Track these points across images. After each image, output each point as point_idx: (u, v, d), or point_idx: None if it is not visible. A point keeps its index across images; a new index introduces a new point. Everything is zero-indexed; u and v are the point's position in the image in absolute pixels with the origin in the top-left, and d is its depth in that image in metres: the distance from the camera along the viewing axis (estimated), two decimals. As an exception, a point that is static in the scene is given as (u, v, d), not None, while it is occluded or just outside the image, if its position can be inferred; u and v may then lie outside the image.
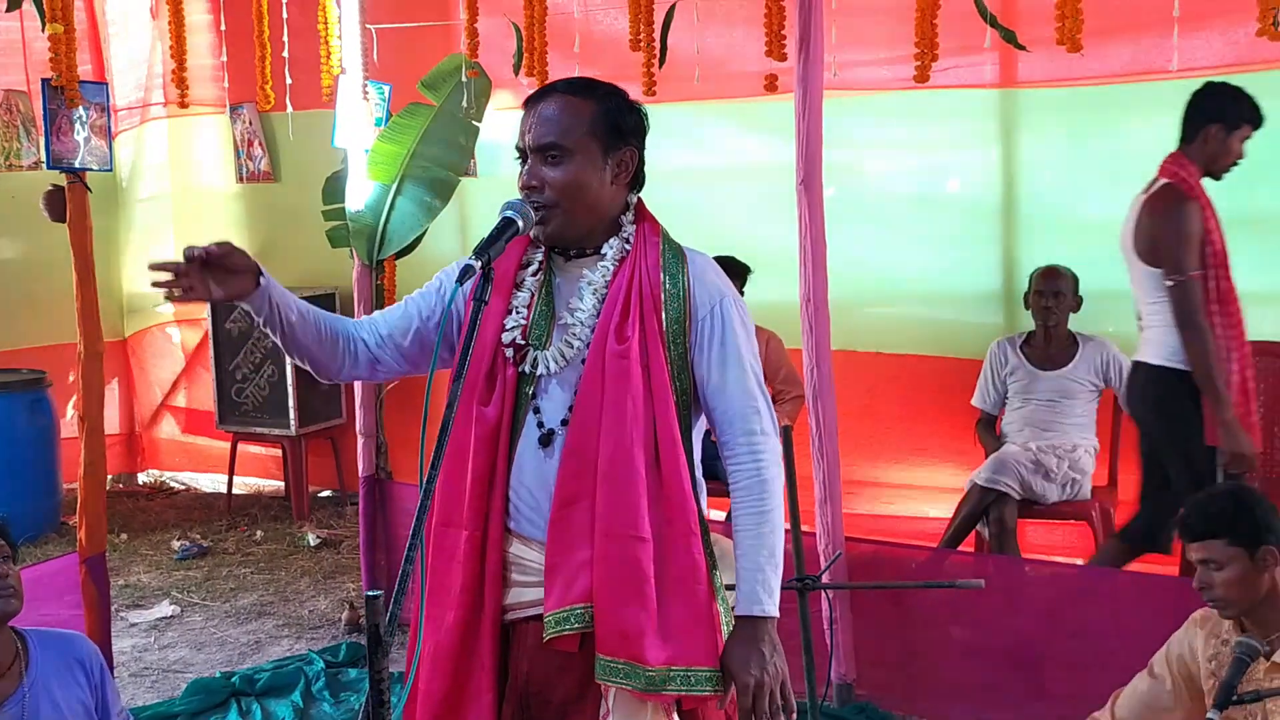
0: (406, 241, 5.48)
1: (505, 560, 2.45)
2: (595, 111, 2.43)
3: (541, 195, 2.41)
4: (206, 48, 6.95)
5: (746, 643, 2.37)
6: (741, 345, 2.45)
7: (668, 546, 2.37)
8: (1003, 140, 5.56)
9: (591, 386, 2.39)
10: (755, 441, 2.43)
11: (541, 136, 2.42)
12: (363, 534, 5.46)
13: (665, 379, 2.40)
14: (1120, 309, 5.35)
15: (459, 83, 5.32)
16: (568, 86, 2.49)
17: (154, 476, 8.18)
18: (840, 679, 4.33)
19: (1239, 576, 2.94)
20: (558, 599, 2.38)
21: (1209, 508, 3.03)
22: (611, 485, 2.36)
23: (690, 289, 2.44)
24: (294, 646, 5.29)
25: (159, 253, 8.00)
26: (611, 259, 2.46)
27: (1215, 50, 4.93)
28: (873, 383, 5.81)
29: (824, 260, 4.22)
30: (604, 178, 2.44)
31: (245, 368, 7.31)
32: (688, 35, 4.90)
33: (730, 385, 2.43)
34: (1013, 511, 4.93)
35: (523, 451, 2.43)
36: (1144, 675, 3.22)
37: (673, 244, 2.50)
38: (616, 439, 2.36)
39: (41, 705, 2.95)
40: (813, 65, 4.13)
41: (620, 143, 2.45)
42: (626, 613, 2.34)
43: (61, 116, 4.10)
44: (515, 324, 2.47)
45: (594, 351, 2.41)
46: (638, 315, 2.40)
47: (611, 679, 2.35)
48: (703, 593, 2.39)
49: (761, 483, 2.42)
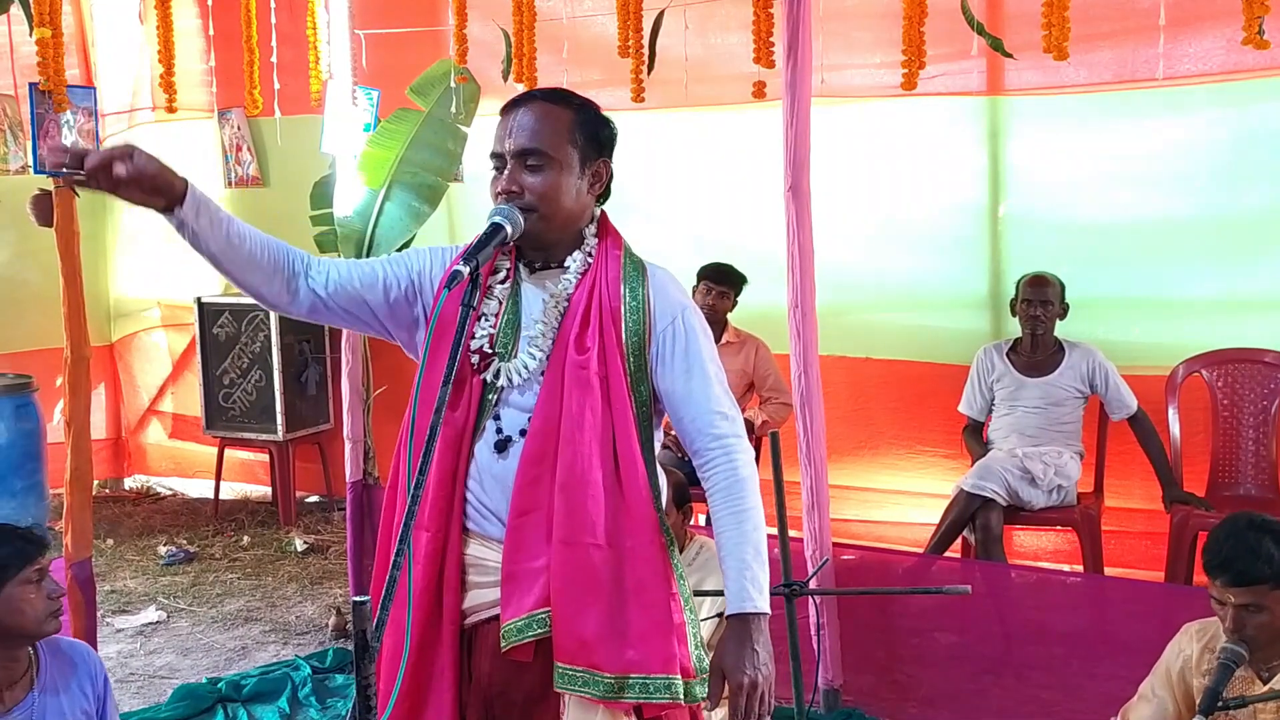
0: (395, 246, 5.48)
1: (464, 562, 2.46)
2: (574, 121, 2.45)
3: (521, 200, 2.42)
4: (195, 52, 6.94)
5: (740, 642, 2.36)
6: (705, 354, 2.46)
7: (627, 555, 2.38)
8: (990, 147, 5.58)
9: (551, 397, 2.41)
10: (728, 444, 2.43)
11: (523, 143, 2.42)
12: (350, 539, 5.45)
13: (624, 390, 2.41)
14: (1106, 315, 5.39)
15: (447, 88, 5.33)
16: (545, 95, 2.51)
17: (141, 482, 8.16)
18: (827, 684, 4.34)
19: (1273, 620, 2.86)
20: (515, 608, 2.38)
21: (1258, 552, 2.85)
22: (569, 494, 2.37)
23: (650, 302, 2.45)
24: (281, 652, 5.28)
25: (146, 257, 8.01)
26: (574, 272, 2.48)
27: (1201, 58, 4.95)
28: (860, 388, 5.83)
29: (811, 266, 4.23)
30: (580, 187, 2.47)
31: (233, 373, 7.29)
32: (676, 41, 4.90)
33: (696, 394, 2.44)
34: (999, 517, 4.94)
35: (479, 454, 2.45)
36: (1147, 696, 3.13)
37: (634, 258, 2.52)
38: (575, 448, 2.38)
39: (48, 713, 2.98)
40: (801, 72, 4.14)
41: (596, 154, 2.48)
42: (584, 619, 2.34)
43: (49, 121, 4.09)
44: (484, 332, 2.48)
45: (554, 362, 2.42)
46: (597, 327, 2.42)
47: (570, 687, 2.35)
48: (664, 601, 2.39)
49: (739, 481, 2.42)
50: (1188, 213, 5.26)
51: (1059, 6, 3.69)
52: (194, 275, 7.68)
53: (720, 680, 2.39)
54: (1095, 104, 5.29)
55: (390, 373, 6.06)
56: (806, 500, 4.27)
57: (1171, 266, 5.29)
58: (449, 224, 6.73)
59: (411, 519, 2.12)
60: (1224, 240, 5.18)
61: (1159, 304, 5.36)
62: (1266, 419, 5.01)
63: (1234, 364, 5.09)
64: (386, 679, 2.46)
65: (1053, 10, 3.69)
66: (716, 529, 2.44)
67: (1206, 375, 5.11)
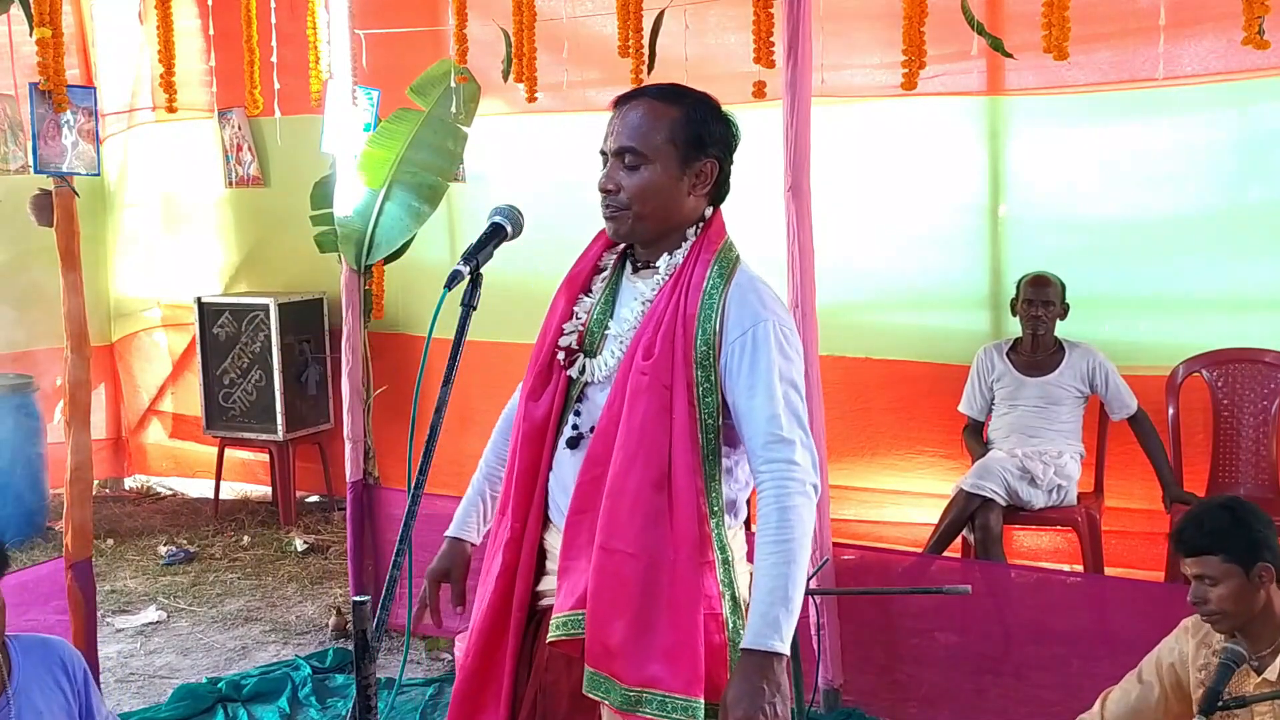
0: (395, 246, 5.48)
1: (543, 549, 2.51)
2: (678, 119, 2.44)
3: (616, 198, 2.44)
4: (195, 52, 6.94)
5: (744, 677, 2.26)
6: (774, 372, 2.36)
7: (666, 570, 2.33)
8: (990, 147, 5.58)
9: (615, 400, 2.41)
10: (779, 469, 2.33)
11: (621, 141, 2.44)
12: (350, 539, 5.45)
13: (685, 401, 2.36)
14: (1106, 315, 5.39)
15: (448, 88, 5.33)
16: (657, 93, 2.50)
17: (141, 481, 8.16)
18: (827, 684, 4.34)
19: (1234, 592, 2.92)
20: (562, 603, 2.41)
21: (1204, 523, 2.99)
22: (613, 499, 2.36)
23: (725, 311, 2.40)
24: (281, 652, 5.28)
25: (146, 257, 8.01)
26: (663, 273, 2.47)
27: (1201, 58, 4.95)
28: (860, 388, 5.82)
29: (812, 266, 4.23)
30: (681, 187, 2.45)
31: (233, 372, 7.29)
32: (676, 41, 4.90)
33: (757, 412, 2.35)
34: (998, 517, 4.94)
35: (560, 449, 2.49)
36: (1133, 679, 3.21)
37: (725, 263, 2.46)
38: (625, 454, 2.36)
39: (24, 713, 2.94)
40: (801, 72, 4.14)
41: (700, 153, 2.45)
42: (611, 626, 2.33)
43: (49, 121, 4.09)
44: (573, 329, 2.52)
45: (623, 365, 2.42)
46: (669, 333, 2.38)
47: (594, 691, 2.36)
48: (696, 620, 2.33)
49: (782, 510, 2.31)
50: (1187, 213, 5.26)
51: (1059, 6, 3.69)
52: (194, 275, 7.71)
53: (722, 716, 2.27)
54: (1095, 104, 5.29)
55: (390, 373, 6.06)
56: (806, 500, 4.27)
57: (1171, 266, 5.29)
58: (449, 224, 6.73)
59: (412, 519, 2.13)
60: (1224, 240, 5.18)
61: (1159, 304, 5.36)
62: (1266, 419, 5.01)
63: (1234, 364, 5.08)
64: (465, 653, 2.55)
65: (1053, 10, 3.69)
66: (755, 556, 2.34)
67: (1206, 375, 5.11)
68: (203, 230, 7.83)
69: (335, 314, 6.63)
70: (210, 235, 7.81)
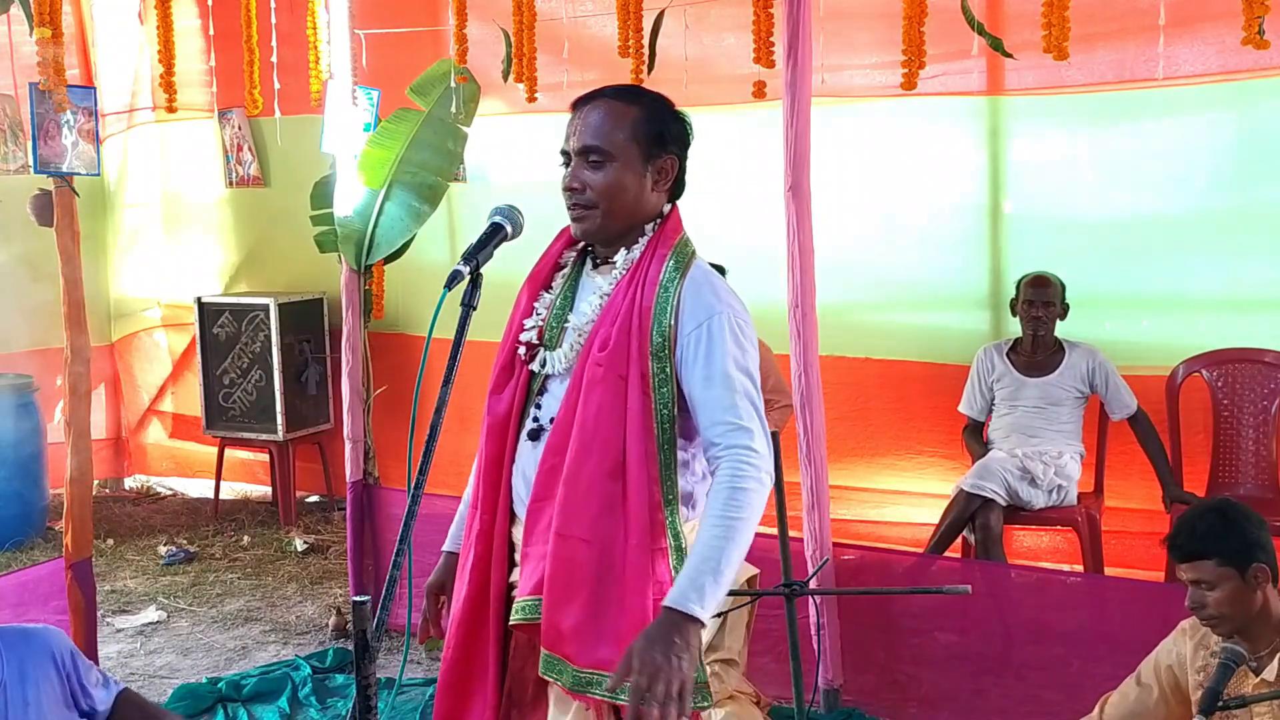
0: (395, 246, 5.48)
1: (513, 542, 2.55)
2: (638, 118, 2.50)
3: (582, 196, 2.49)
4: (195, 52, 6.94)
5: (656, 627, 2.24)
6: (730, 361, 2.42)
7: (619, 555, 2.39)
8: (990, 147, 5.58)
9: (572, 391, 2.46)
10: (738, 454, 2.36)
11: (585, 140, 2.49)
12: (350, 539, 5.45)
13: (640, 392, 2.41)
14: (1106, 315, 5.39)
15: (448, 88, 5.33)
16: (615, 93, 2.56)
17: (141, 481, 8.16)
18: (827, 684, 4.34)
19: (1231, 595, 2.92)
20: (522, 588, 2.48)
21: (1197, 527, 2.98)
22: (568, 487, 2.41)
23: (680, 304, 2.45)
24: (281, 652, 5.28)
25: (146, 257, 8.01)
26: (620, 267, 2.52)
27: (1201, 58, 4.95)
28: (860, 388, 5.82)
29: (812, 266, 4.23)
30: (644, 183, 2.52)
31: (233, 372, 7.29)
32: (676, 41, 4.91)
33: (714, 400, 2.40)
34: (998, 517, 4.94)
35: (521, 442, 2.53)
36: (1132, 683, 3.21)
37: (681, 256, 2.52)
38: (580, 444, 2.41)
39: (12, 707, 2.93)
40: (801, 72, 4.14)
41: (661, 150, 2.53)
42: (564, 611, 2.39)
43: (49, 121, 4.10)
44: (533, 324, 2.57)
45: (581, 357, 2.47)
46: (625, 327, 2.44)
47: (548, 673, 2.42)
48: (652, 607, 2.36)
49: (735, 490, 2.33)
50: (1187, 213, 5.26)
51: (1059, 6, 3.69)
52: (194, 275, 7.71)
53: (625, 660, 2.22)
54: (1095, 104, 5.29)
55: (390, 373, 6.06)
56: (806, 500, 4.27)
57: (1171, 266, 5.29)
58: (449, 224, 6.74)
59: (412, 519, 2.14)
60: (1224, 240, 5.18)
61: (1158, 304, 5.36)
62: (1266, 419, 5.01)
63: (1234, 364, 5.08)
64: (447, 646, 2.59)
65: (1053, 10, 3.69)
66: (700, 527, 2.36)
67: (1206, 375, 5.11)
68: (203, 230, 7.83)
69: (335, 314, 6.63)
70: (210, 235, 7.81)
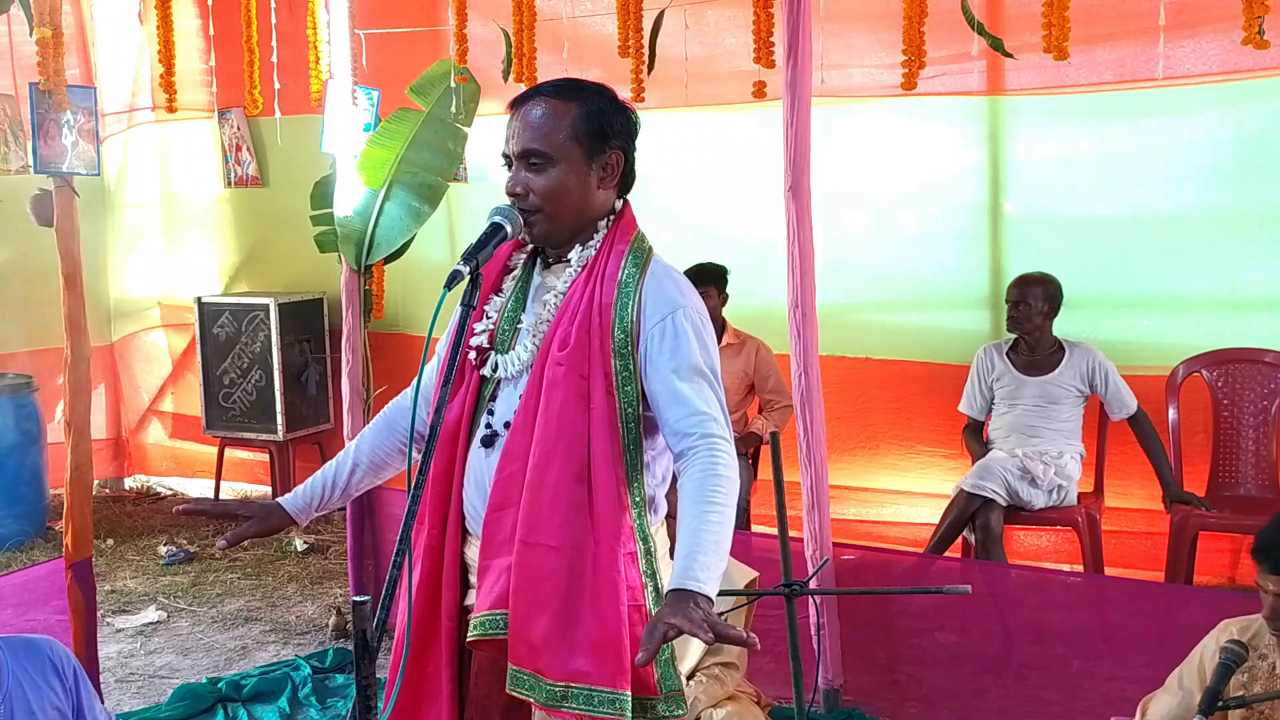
0: (395, 246, 5.48)
1: (463, 560, 2.45)
2: (578, 115, 2.41)
3: (527, 201, 2.40)
4: (195, 52, 6.95)
5: (669, 606, 2.14)
6: (696, 357, 2.36)
7: (589, 560, 2.30)
8: (990, 147, 5.58)
9: (532, 393, 2.38)
10: (709, 443, 2.30)
11: (524, 143, 2.40)
12: (350, 540, 5.45)
13: (603, 390, 2.35)
14: (1106, 315, 5.39)
15: (448, 88, 5.33)
16: (553, 90, 2.45)
17: (141, 481, 8.16)
18: (827, 684, 4.34)
19: None
20: (480, 602, 2.37)
21: None
22: (533, 493, 2.32)
23: (642, 300, 2.39)
24: (281, 652, 5.28)
25: (146, 257, 8.00)
26: (575, 265, 2.44)
27: (1201, 58, 4.95)
28: (860, 388, 5.83)
29: (812, 266, 4.22)
30: (589, 182, 2.43)
31: (233, 372, 7.30)
32: (676, 41, 4.91)
33: (682, 396, 2.33)
34: (999, 517, 4.94)
35: (472, 451, 2.44)
36: (1174, 684, 3.09)
37: (639, 253, 2.45)
38: (544, 447, 2.33)
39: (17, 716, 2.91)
40: (801, 72, 4.14)
41: (604, 145, 2.43)
42: (534, 623, 2.29)
43: (49, 121, 4.09)
44: (484, 329, 2.48)
45: (539, 358, 2.40)
46: (585, 324, 2.37)
47: (517, 689, 2.32)
48: (620, 612, 2.30)
49: (715, 477, 2.27)
50: (1187, 213, 5.26)
51: (1059, 6, 3.69)
52: (194, 275, 7.71)
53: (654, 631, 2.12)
54: (1095, 104, 5.30)
55: (390, 373, 6.06)
56: (806, 500, 4.27)
57: (1171, 266, 5.29)
58: (449, 224, 6.74)
59: (412, 519, 2.12)
60: (1224, 240, 5.19)
61: (1158, 304, 5.37)
62: (1266, 419, 5.01)
63: (1234, 364, 5.09)
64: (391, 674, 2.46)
65: (1053, 10, 3.70)
66: (679, 518, 2.28)
67: (1206, 375, 5.11)
68: (203, 230, 7.83)
69: (335, 314, 6.63)
70: (210, 235, 7.82)
